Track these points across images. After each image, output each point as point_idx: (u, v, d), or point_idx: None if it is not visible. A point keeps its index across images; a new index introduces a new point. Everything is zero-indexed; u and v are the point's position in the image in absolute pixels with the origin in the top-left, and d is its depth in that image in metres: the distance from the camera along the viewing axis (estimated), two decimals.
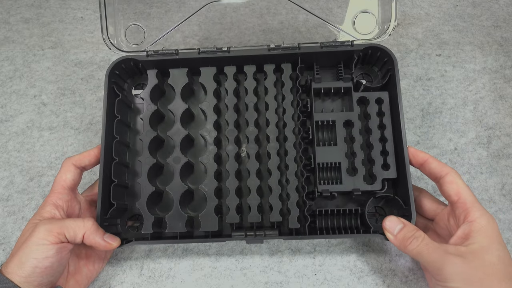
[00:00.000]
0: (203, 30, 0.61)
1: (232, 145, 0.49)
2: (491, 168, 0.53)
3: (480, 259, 0.38)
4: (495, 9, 0.61)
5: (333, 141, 0.50)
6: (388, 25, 0.49)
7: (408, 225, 0.43)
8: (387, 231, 0.43)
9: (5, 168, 0.56)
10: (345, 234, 0.46)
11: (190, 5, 0.61)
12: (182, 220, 0.47)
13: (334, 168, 0.49)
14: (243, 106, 0.52)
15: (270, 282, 0.49)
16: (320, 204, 0.50)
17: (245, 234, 0.46)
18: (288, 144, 0.49)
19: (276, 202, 0.47)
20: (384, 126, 0.49)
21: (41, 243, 0.40)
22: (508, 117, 0.55)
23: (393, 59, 0.48)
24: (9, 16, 0.64)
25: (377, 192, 0.48)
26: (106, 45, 0.50)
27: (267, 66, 0.51)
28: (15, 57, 0.62)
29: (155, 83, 0.51)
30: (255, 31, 0.61)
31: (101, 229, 0.44)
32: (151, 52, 0.50)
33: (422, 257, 0.40)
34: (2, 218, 0.53)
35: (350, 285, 0.49)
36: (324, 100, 0.53)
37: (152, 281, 0.49)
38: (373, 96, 0.50)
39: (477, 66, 0.58)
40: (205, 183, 0.48)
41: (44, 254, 0.40)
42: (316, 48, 0.50)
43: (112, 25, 0.51)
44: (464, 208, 0.42)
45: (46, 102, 0.59)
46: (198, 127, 0.53)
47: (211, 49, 0.50)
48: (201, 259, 0.50)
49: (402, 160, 0.46)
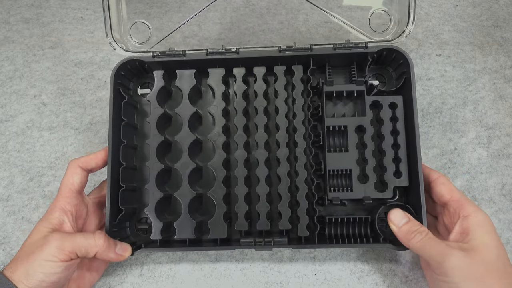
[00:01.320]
0: (203, 30, 0.61)
1: (241, 150, 0.49)
2: (491, 168, 0.53)
3: (481, 255, 0.38)
4: (495, 9, 0.61)
5: (345, 147, 0.49)
6: (405, 28, 0.48)
7: (413, 220, 0.43)
8: (391, 223, 0.44)
9: (5, 168, 0.56)
10: (355, 244, 0.45)
11: (190, 4, 0.61)
12: (191, 226, 0.47)
13: (344, 175, 0.48)
14: (252, 109, 0.52)
15: (270, 282, 0.49)
16: (330, 211, 0.50)
17: (254, 241, 0.46)
18: (298, 150, 0.48)
19: (285, 210, 0.47)
20: (397, 132, 0.48)
21: (51, 259, 0.39)
22: (508, 117, 0.55)
23: (409, 62, 0.47)
24: (9, 16, 0.64)
25: (388, 201, 0.47)
26: (111, 46, 0.50)
27: (278, 68, 0.50)
28: (15, 57, 0.62)
29: (161, 85, 0.50)
30: (255, 31, 0.61)
31: (113, 242, 0.43)
32: (158, 53, 0.49)
33: (424, 251, 0.40)
34: (2, 218, 0.53)
35: (350, 285, 0.49)
36: (335, 104, 0.52)
37: (152, 281, 0.49)
38: (387, 100, 0.48)
39: (477, 66, 0.58)
40: (214, 189, 0.48)
41: (53, 270, 0.39)
42: (329, 49, 0.48)
43: (116, 24, 0.51)
44: (457, 204, 0.42)
45: (46, 102, 0.59)
46: (206, 131, 0.52)
47: (219, 50, 0.49)
48: (201, 259, 0.50)
49: (415, 167, 0.45)
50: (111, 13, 0.50)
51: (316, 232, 0.46)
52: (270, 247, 0.46)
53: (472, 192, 0.52)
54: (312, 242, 0.47)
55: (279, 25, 0.61)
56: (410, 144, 0.46)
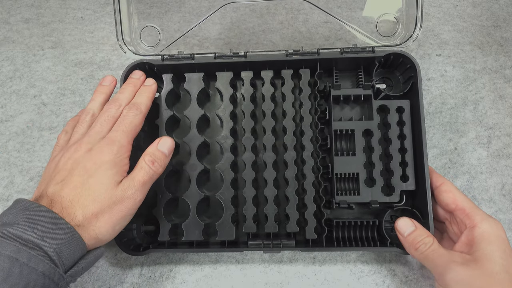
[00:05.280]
0: (203, 30, 0.61)
1: (249, 153, 0.49)
2: (491, 168, 0.53)
3: (482, 268, 0.38)
4: (495, 9, 0.61)
5: (352, 150, 0.49)
6: (412, 32, 0.48)
7: (420, 228, 0.43)
8: (398, 232, 0.44)
9: (5, 168, 0.56)
10: (362, 247, 0.46)
11: (191, 5, 0.61)
12: (198, 228, 0.47)
13: (352, 178, 0.48)
14: (259, 112, 0.52)
15: (270, 282, 0.49)
16: (337, 214, 0.50)
17: (262, 243, 0.46)
18: (305, 153, 0.48)
19: (293, 212, 0.47)
20: (404, 136, 0.48)
21: (131, 213, 0.40)
22: (508, 117, 0.55)
23: (416, 67, 0.47)
24: (9, 16, 0.64)
25: (395, 205, 0.47)
26: (122, 49, 0.50)
27: (285, 72, 0.50)
28: (15, 57, 0.62)
29: (170, 88, 0.51)
30: (255, 31, 0.61)
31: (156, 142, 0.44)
32: (167, 57, 0.50)
33: (427, 262, 0.41)
34: None
35: (350, 285, 0.49)
36: (343, 108, 0.52)
37: (152, 281, 0.49)
38: (394, 104, 0.49)
39: (477, 66, 0.58)
40: (222, 191, 0.48)
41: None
42: (336, 53, 0.49)
43: (127, 27, 0.51)
44: (464, 214, 0.42)
45: (46, 102, 0.59)
46: (214, 133, 0.52)
47: (227, 54, 0.49)
48: (201, 260, 0.50)
49: (421, 171, 0.45)
50: (122, 17, 0.50)
51: (324, 235, 0.46)
52: (279, 249, 0.46)
53: (472, 192, 0.52)
54: (319, 245, 0.47)
55: (279, 25, 0.61)
56: (417, 148, 0.47)
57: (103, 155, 0.40)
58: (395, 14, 0.50)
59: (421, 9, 0.47)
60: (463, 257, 0.39)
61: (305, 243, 0.48)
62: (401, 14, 0.50)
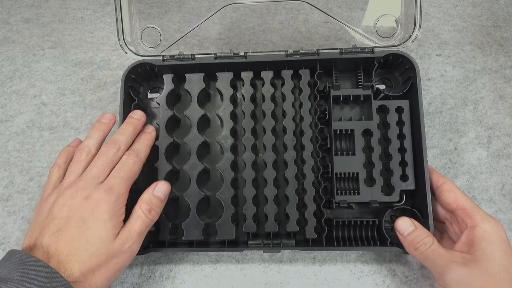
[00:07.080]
0: (203, 30, 0.61)
1: (249, 153, 0.49)
2: (491, 168, 0.53)
3: (482, 268, 0.38)
4: (495, 9, 0.61)
5: (351, 150, 0.49)
6: (411, 33, 0.48)
7: (419, 228, 0.43)
8: (397, 231, 0.44)
9: (5, 168, 0.56)
10: (363, 247, 0.46)
11: (191, 5, 0.61)
12: (199, 227, 0.47)
13: (351, 178, 0.48)
14: (259, 113, 0.52)
15: (270, 282, 0.49)
16: (337, 214, 0.50)
17: (262, 243, 0.46)
18: (305, 153, 0.48)
19: (293, 212, 0.47)
20: (403, 135, 0.48)
21: (128, 262, 0.41)
22: (508, 117, 0.55)
23: (415, 67, 0.47)
24: (9, 16, 0.64)
25: (395, 204, 0.47)
26: (122, 50, 0.50)
27: (285, 72, 0.50)
28: (15, 57, 0.62)
29: (171, 88, 0.51)
30: (255, 31, 0.61)
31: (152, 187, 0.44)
32: (167, 57, 0.50)
33: (427, 261, 0.41)
34: (2, 218, 0.53)
35: (350, 285, 0.49)
36: (342, 108, 0.52)
37: (152, 282, 0.49)
38: (393, 104, 0.49)
39: (477, 66, 0.58)
40: (222, 191, 0.48)
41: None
42: (335, 54, 0.49)
43: (128, 28, 0.51)
44: (465, 213, 0.42)
45: (46, 102, 0.59)
46: (214, 133, 0.53)
47: (227, 54, 0.50)
48: (201, 260, 0.50)
49: (421, 171, 0.45)
50: (123, 17, 0.50)
51: (324, 235, 0.46)
52: (279, 249, 0.46)
53: (472, 192, 0.52)
54: (319, 244, 0.47)
55: (279, 25, 0.61)
56: (416, 148, 0.47)
57: (101, 205, 0.38)
58: (394, 15, 0.51)
59: (420, 10, 0.47)
60: (463, 257, 0.39)
61: (305, 242, 0.48)
62: (400, 15, 0.50)
